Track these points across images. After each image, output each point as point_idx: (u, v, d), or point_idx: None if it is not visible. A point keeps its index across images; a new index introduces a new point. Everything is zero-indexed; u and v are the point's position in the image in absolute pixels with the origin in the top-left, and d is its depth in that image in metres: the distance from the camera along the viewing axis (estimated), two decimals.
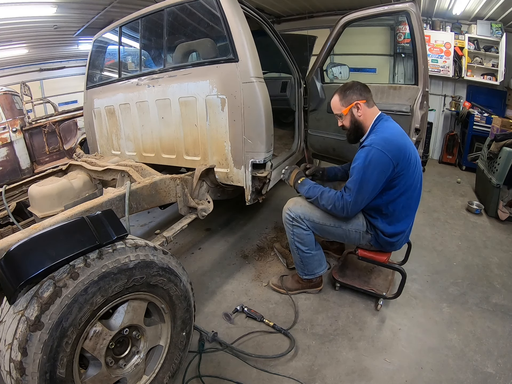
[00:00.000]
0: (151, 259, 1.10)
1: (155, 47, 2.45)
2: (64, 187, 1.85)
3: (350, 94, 1.61)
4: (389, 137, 1.50)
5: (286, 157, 2.53)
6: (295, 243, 1.76)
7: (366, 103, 1.61)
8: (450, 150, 4.88)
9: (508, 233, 2.70)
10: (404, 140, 1.55)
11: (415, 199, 1.63)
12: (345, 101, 1.63)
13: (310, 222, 1.69)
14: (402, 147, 1.50)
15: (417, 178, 1.60)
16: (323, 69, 2.70)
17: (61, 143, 4.46)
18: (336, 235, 1.73)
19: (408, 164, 1.51)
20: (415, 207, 1.66)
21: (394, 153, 1.46)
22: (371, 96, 1.65)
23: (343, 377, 1.41)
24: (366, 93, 1.62)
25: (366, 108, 1.61)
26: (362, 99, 1.60)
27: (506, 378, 1.37)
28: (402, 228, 1.64)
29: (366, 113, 1.61)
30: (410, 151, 1.53)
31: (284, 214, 1.76)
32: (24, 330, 0.84)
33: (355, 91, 1.61)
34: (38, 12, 4.28)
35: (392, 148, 1.46)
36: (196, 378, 1.41)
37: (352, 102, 1.61)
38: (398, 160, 1.47)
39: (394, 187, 1.54)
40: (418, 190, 1.63)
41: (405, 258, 2.03)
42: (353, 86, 1.63)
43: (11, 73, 6.99)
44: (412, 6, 2.09)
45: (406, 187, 1.55)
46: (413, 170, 1.55)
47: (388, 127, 1.56)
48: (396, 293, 1.74)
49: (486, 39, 4.45)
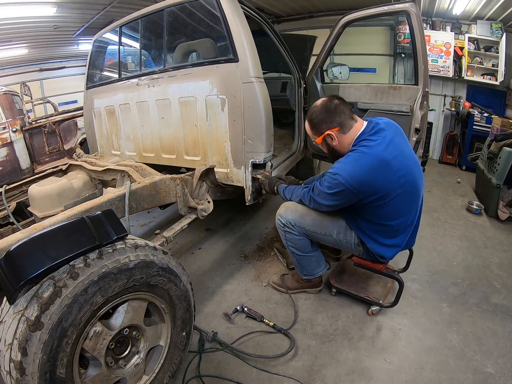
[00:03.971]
0: (151, 259, 1.10)
1: (155, 47, 2.45)
2: (64, 187, 1.85)
3: (320, 123, 1.42)
4: (357, 174, 1.31)
5: (286, 157, 2.53)
6: (289, 247, 1.76)
7: (340, 130, 1.40)
8: (450, 150, 4.88)
9: (508, 233, 2.69)
10: (387, 171, 1.32)
11: (402, 228, 1.49)
12: (315, 131, 1.46)
13: (301, 229, 1.66)
14: (374, 184, 1.32)
15: (405, 208, 1.43)
16: (323, 69, 2.71)
17: (61, 143, 4.46)
18: (328, 243, 1.69)
19: (387, 198, 1.36)
20: (399, 235, 1.51)
21: (360, 189, 1.33)
22: (348, 116, 1.41)
23: (343, 377, 1.41)
24: (339, 117, 1.39)
25: (340, 136, 1.41)
26: (334, 127, 1.39)
27: (506, 378, 1.37)
28: (387, 255, 1.54)
29: (342, 141, 1.42)
30: (395, 182, 1.34)
31: (276, 219, 1.75)
32: (24, 330, 0.84)
33: (324, 119, 1.40)
34: (38, 12, 4.28)
35: (359, 186, 1.32)
36: (196, 378, 1.41)
37: (323, 132, 1.42)
38: (368, 194, 1.35)
39: (365, 209, 1.44)
40: (407, 220, 1.47)
41: (406, 265, 1.96)
42: (323, 110, 1.40)
43: (11, 73, 7.00)
44: (412, 6, 2.09)
45: (381, 217, 1.44)
46: (396, 202, 1.38)
47: (365, 155, 1.32)
48: (393, 302, 1.69)
49: (486, 39, 4.45)
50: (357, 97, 2.52)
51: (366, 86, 2.50)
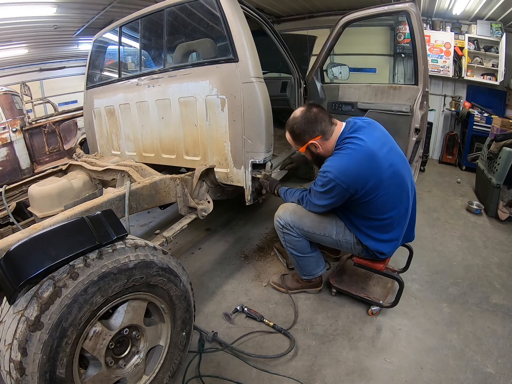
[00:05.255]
0: (151, 259, 1.10)
1: (155, 47, 2.45)
2: (64, 187, 1.85)
3: (301, 134, 1.47)
4: (345, 168, 1.37)
5: (286, 157, 2.53)
6: (288, 248, 1.76)
7: (323, 138, 1.45)
8: (450, 150, 4.88)
9: (508, 233, 2.69)
10: (372, 163, 1.38)
11: (395, 221, 1.51)
12: (298, 141, 1.52)
13: (300, 230, 1.67)
14: (362, 176, 1.37)
15: (395, 200, 1.47)
16: (323, 69, 2.71)
17: (61, 143, 4.46)
18: (328, 243, 1.70)
19: (376, 190, 1.40)
20: (394, 229, 1.53)
21: (350, 183, 1.37)
22: (328, 122, 1.46)
23: (343, 377, 1.41)
24: (319, 125, 1.43)
25: (324, 142, 1.47)
26: (316, 136, 1.45)
27: (506, 378, 1.37)
28: (384, 250, 1.55)
29: (325, 147, 1.49)
30: (382, 174, 1.39)
31: (274, 220, 1.76)
32: (24, 330, 0.84)
33: (306, 129, 1.45)
34: (38, 12, 4.28)
35: (348, 180, 1.36)
36: (196, 378, 1.41)
37: (306, 142, 1.48)
38: (357, 188, 1.38)
39: (357, 206, 1.48)
40: (399, 212, 1.50)
41: (406, 265, 1.97)
42: (304, 121, 1.45)
43: (11, 73, 7.00)
44: (412, 6, 2.09)
45: (372, 210, 1.47)
46: (386, 193, 1.42)
47: (349, 150, 1.39)
48: (393, 302, 1.70)
49: (486, 39, 4.45)
50: (357, 97, 2.53)
51: (366, 86, 2.50)
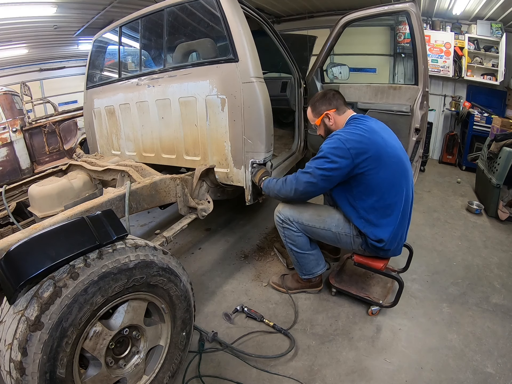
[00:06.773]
0: (151, 259, 1.10)
1: (155, 47, 2.45)
2: (64, 187, 1.85)
3: (320, 105, 1.66)
4: (350, 134, 1.47)
5: (286, 157, 2.53)
6: (288, 244, 1.77)
7: (336, 112, 1.64)
8: (450, 150, 4.88)
9: (508, 233, 2.69)
10: (374, 136, 1.47)
11: (394, 204, 1.51)
12: (316, 113, 1.69)
13: (299, 224, 1.68)
14: (364, 141, 1.44)
15: (395, 180, 1.50)
16: (323, 69, 2.71)
17: (61, 143, 4.46)
18: (327, 239, 1.70)
19: (376, 162, 1.44)
20: (393, 213, 1.52)
21: (352, 145, 1.42)
22: (343, 102, 1.66)
23: (343, 377, 1.41)
24: (336, 101, 1.64)
25: (336, 116, 1.64)
26: (331, 108, 1.64)
27: (506, 378, 1.37)
28: (383, 236, 1.52)
29: (337, 121, 1.64)
30: (383, 149, 1.46)
31: (274, 216, 1.77)
32: (24, 330, 0.84)
33: (324, 102, 1.65)
34: (38, 12, 4.28)
35: (351, 139, 1.43)
36: (196, 378, 1.41)
37: (322, 113, 1.65)
38: (358, 152, 1.42)
39: (358, 185, 1.49)
40: (398, 194, 1.51)
41: (406, 265, 1.96)
42: (323, 96, 1.66)
43: (11, 73, 6.99)
44: (412, 6, 2.09)
45: (373, 187, 1.48)
46: (386, 170, 1.46)
47: (358, 124, 1.52)
48: (393, 302, 1.70)
49: (486, 39, 4.45)
50: (357, 97, 2.53)
51: (366, 86, 2.50)
